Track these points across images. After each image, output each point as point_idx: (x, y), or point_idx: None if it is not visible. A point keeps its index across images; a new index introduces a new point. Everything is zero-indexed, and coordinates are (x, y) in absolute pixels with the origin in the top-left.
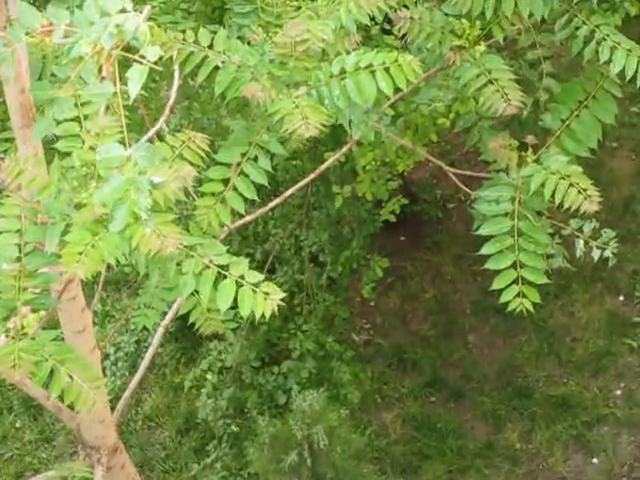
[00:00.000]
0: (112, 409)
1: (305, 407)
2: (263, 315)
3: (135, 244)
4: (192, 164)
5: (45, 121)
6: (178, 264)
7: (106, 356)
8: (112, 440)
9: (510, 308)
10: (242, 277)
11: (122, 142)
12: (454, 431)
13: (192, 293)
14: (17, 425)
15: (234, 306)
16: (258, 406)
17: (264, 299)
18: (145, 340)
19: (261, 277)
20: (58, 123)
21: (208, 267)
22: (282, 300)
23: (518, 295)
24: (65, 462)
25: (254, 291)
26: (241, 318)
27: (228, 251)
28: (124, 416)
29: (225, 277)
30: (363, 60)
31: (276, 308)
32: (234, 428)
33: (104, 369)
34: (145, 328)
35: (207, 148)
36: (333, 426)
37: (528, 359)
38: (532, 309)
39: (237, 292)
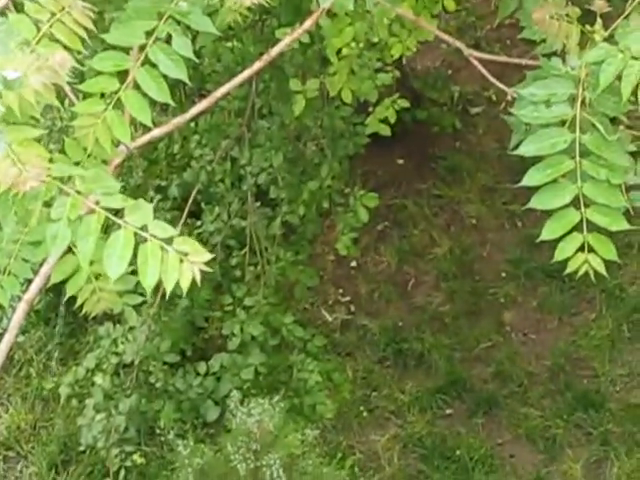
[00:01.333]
0: None
1: (250, 425)
2: (179, 286)
3: None
4: (68, 49)
5: None
6: (47, 204)
7: None
8: None
9: (569, 270)
10: (144, 229)
11: None
12: (483, 461)
13: (70, 250)
14: None
15: (136, 270)
16: (176, 424)
17: (179, 262)
18: None
19: (174, 232)
20: None
21: (93, 211)
22: (211, 263)
23: (582, 249)
24: None
25: (163, 249)
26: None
27: (127, 185)
28: None
29: (119, 228)
30: None
31: (199, 276)
32: (138, 459)
33: None
34: None
35: (91, 25)
36: (294, 455)
37: (598, 349)
38: (604, 271)
39: (137, 250)
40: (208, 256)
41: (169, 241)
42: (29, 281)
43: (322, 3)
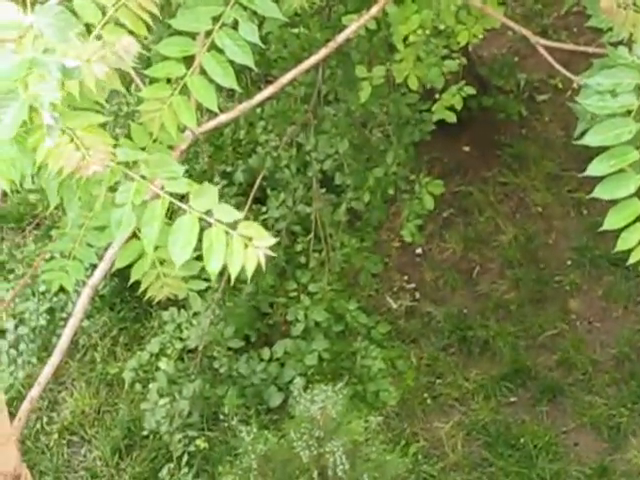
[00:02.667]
0: (11, 415)
1: (314, 412)
2: (243, 272)
3: (42, 159)
4: (133, 34)
5: None
6: (111, 189)
7: (1, 333)
8: (12, 464)
9: (632, 260)
10: (209, 214)
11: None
12: (547, 449)
13: (135, 236)
14: None
15: (200, 255)
16: (239, 410)
17: (244, 247)
18: (63, 309)
19: (238, 216)
20: None
21: (158, 196)
22: (276, 249)
23: None
24: None
25: (227, 234)
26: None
27: (193, 171)
28: (31, 427)
29: (184, 213)
30: None
31: (264, 261)
32: (201, 444)
33: None
34: (63, 290)
35: (156, 10)
36: (358, 442)
37: None
38: None
39: (202, 236)
40: (272, 241)
41: (234, 226)
42: (94, 266)
43: None
